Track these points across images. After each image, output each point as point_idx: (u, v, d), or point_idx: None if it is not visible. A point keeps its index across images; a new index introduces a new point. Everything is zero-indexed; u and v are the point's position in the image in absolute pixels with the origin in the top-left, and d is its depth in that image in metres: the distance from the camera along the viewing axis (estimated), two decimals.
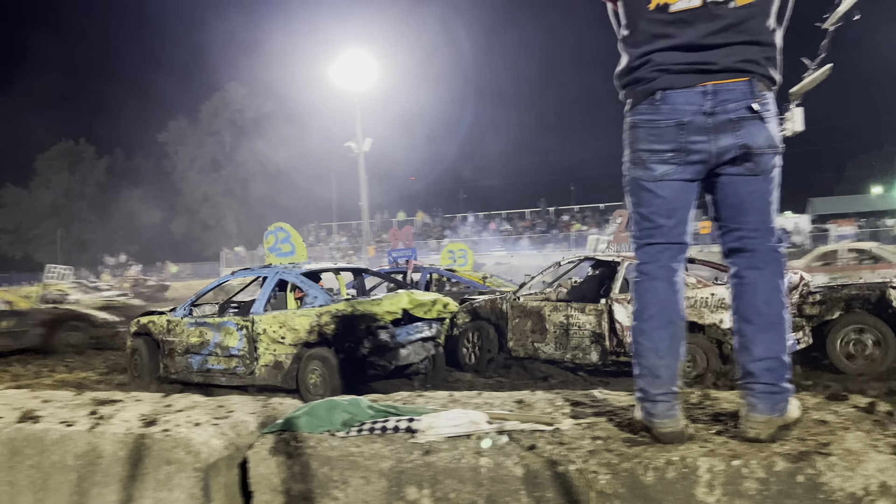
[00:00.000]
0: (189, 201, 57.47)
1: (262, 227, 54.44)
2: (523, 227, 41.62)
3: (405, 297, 6.99)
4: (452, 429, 2.18)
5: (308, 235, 50.03)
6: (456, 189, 61.89)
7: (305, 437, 2.31)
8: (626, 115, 2.16)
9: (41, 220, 61.48)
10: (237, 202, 56.40)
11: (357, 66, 31.41)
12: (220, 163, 56.71)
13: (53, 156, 61.70)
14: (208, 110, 56.67)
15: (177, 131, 57.90)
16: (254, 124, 55.25)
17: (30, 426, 2.75)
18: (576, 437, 2.10)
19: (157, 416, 2.73)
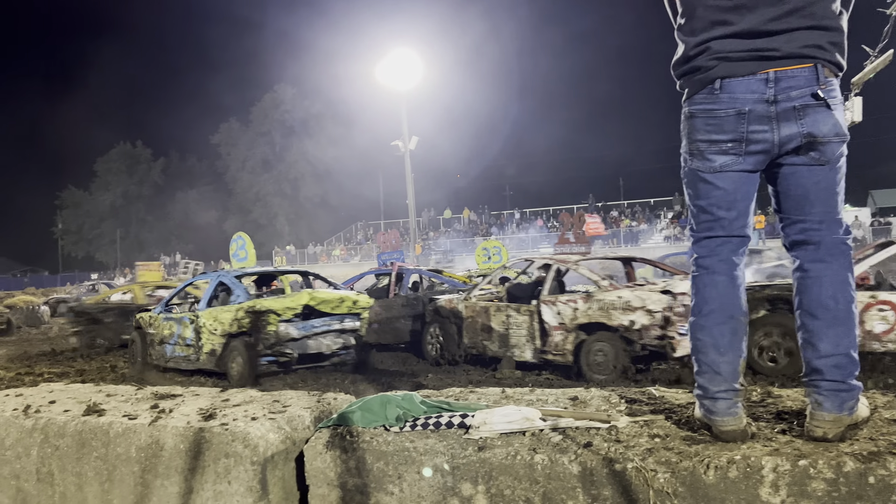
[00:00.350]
0: (241, 201, 58.72)
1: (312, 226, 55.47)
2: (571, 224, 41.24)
3: (306, 295, 7.97)
4: (506, 425, 2.17)
5: (356, 233, 50.59)
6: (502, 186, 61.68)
7: (360, 431, 2.33)
8: (683, 105, 2.11)
9: (101, 221, 63.69)
10: (288, 201, 57.36)
11: (403, 65, 31.58)
12: (271, 163, 57.75)
13: (112, 158, 63.84)
14: (259, 112, 57.79)
15: (228, 133, 59.22)
16: (303, 124, 56.11)
17: (95, 419, 2.85)
18: (633, 435, 2.06)
19: (215, 411, 2.79)
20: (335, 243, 50.45)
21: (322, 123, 55.53)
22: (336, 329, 8.03)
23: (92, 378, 8.46)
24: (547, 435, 2.11)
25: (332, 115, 54.67)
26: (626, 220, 39.69)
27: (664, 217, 39.13)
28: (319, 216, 56.88)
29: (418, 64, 31.98)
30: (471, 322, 8.31)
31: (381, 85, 33.15)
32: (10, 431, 3.00)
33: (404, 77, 31.78)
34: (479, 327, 8.19)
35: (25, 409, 3.10)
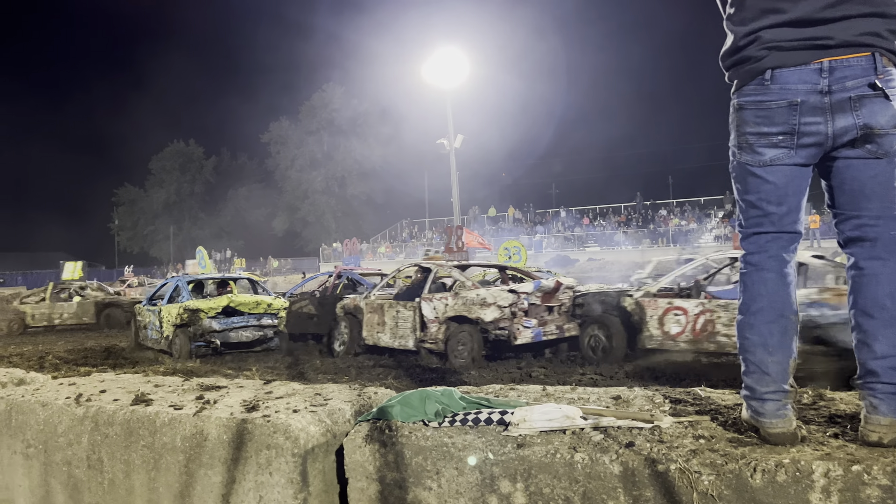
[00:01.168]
0: (290, 199, 59.69)
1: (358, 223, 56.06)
2: (618, 222, 40.61)
3: (226, 298, 10.79)
4: (546, 423, 2.13)
5: (401, 231, 50.89)
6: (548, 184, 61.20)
7: (399, 426, 2.33)
8: (731, 97, 2.04)
9: (155, 218, 65.55)
10: (335, 199, 58.08)
11: (448, 63, 31.59)
12: (319, 161, 58.53)
13: (166, 157, 65.64)
14: (307, 111, 58.64)
15: (278, 131, 60.24)
16: (350, 123, 56.71)
17: (143, 409, 2.92)
18: (677, 436, 2.01)
19: (258, 402, 2.83)
20: (380, 241, 50.86)
21: (369, 122, 56.05)
22: (254, 325, 10.55)
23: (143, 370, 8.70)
24: (588, 434, 2.07)
25: (378, 114, 55.16)
26: (674, 219, 38.92)
27: (714, 216, 38.26)
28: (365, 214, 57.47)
29: (464, 62, 31.96)
30: (369, 317, 9.59)
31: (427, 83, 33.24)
32: (63, 419, 3.10)
33: (450, 75, 31.80)
34: (375, 322, 9.48)
35: (77, 397, 3.19)
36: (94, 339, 14.42)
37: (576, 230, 41.11)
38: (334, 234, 55.84)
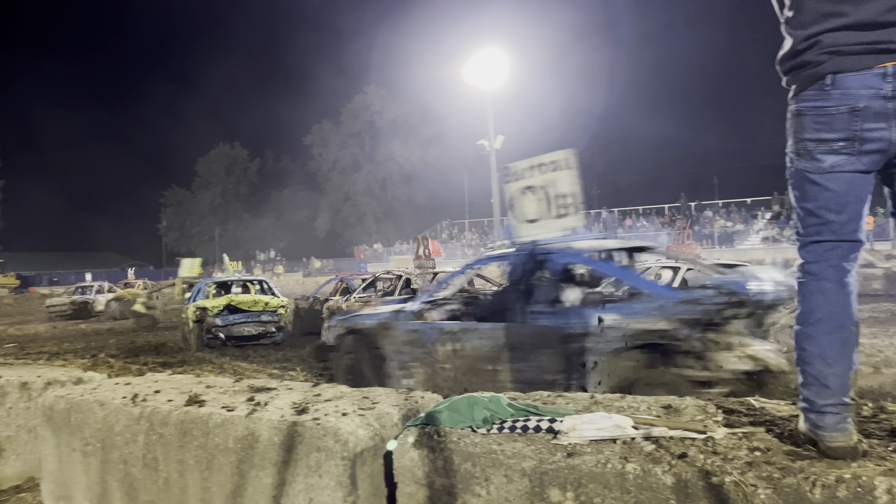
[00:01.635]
0: (332, 200, 60.37)
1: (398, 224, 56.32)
2: (661, 224, 40.00)
3: (226, 298, 12.43)
4: (596, 432, 2.12)
5: (441, 232, 51.00)
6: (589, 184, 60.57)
7: (447, 431, 2.34)
8: (789, 103, 2.00)
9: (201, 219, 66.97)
10: (376, 201, 58.52)
11: (489, 64, 31.55)
12: (360, 163, 59.07)
13: (212, 159, 67.01)
14: (349, 113, 59.21)
15: (320, 134, 60.97)
16: (391, 125, 57.07)
17: (196, 409, 2.98)
18: (731, 448, 1.97)
19: (307, 405, 2.87)
20: None
21: (410, 124, 56.31)
22: (254, 321, 12.09)
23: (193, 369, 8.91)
24: (639, 444, 2.05)
25: (419, 116, 55.37)
26: (720, 220, 38.13)
27: (762, 217, 37.36)
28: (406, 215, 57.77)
29: (504, 62, 31.87)
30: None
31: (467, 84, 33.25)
32: (120, 418, 3.19)
33: (490, 76, 31.75)
34: None
35: (133, 397, 3.29)
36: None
37: (618, 231, 40.62)
38: (375, 234, 56.29)
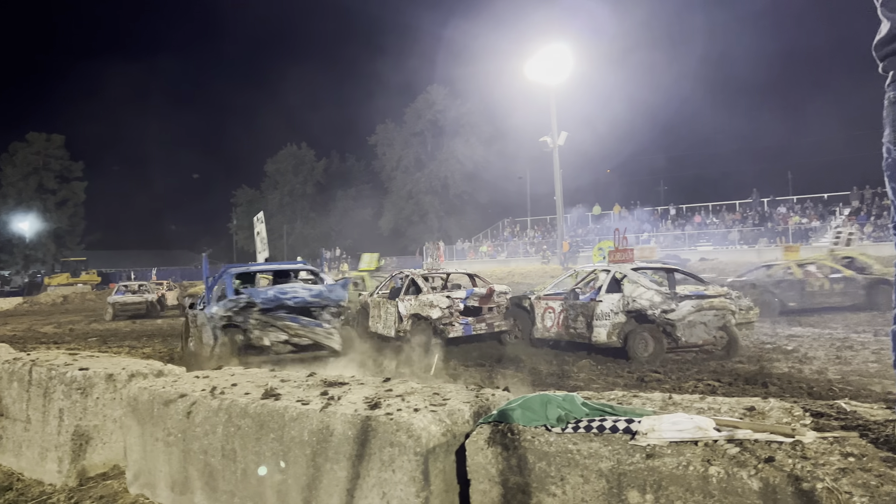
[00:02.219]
0: (395, 199, 60.93)
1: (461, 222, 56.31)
2: (732, 220, 38.73)
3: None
4: (676, 433, 2.06)
5: (503, 230, 50.80)
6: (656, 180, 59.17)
7: (521, 430, 2.32)
8: (886, 90, 1.89)
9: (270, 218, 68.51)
10: (438, 199, 58.75)
11: (553, 60, 31.23)
12: (423, 162, 59.40)
13: (280, 159, 68.62)
14: (412, 113, 59.62)
15: (384, 133, 61.62)
16: (453, 123, 57.16)
17: (272, 403, 3.06)
18: (822, 452, 1.88)
19: (379, 400, 2.90)
20: (482, 240, 51.00)
21: (472, 122, 56.28)
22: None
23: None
24: (722, 446, 1.98)
25: (481, 114, 55.26)
26: (794, 216, 36.65)
27: (839, 213, 35.71)
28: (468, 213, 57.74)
29: (568, 57, 31.50)
30: (372, 311, 12.24)
31: (530, 81, 33.02)
32: (200, 410, 3.30)
33: (554, 72, 31.43)
34: (375, 314, 12.12)
35: (212, 390, 3.39)
36: None
37: (687, 228, 39.55)
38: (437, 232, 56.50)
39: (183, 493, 3.37)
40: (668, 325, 8.50)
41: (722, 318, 8.73)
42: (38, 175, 58.58)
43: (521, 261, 41.38)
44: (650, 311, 8.57)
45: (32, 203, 57.54)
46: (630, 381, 7.27)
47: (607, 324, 9.00)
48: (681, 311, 8.43)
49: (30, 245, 57.62)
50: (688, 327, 8.55)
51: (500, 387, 3.14)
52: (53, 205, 58.78)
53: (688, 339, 8.60)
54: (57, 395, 4.04)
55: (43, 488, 3.92)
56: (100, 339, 14.54)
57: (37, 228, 57.53)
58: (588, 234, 42.98)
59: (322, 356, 8.22)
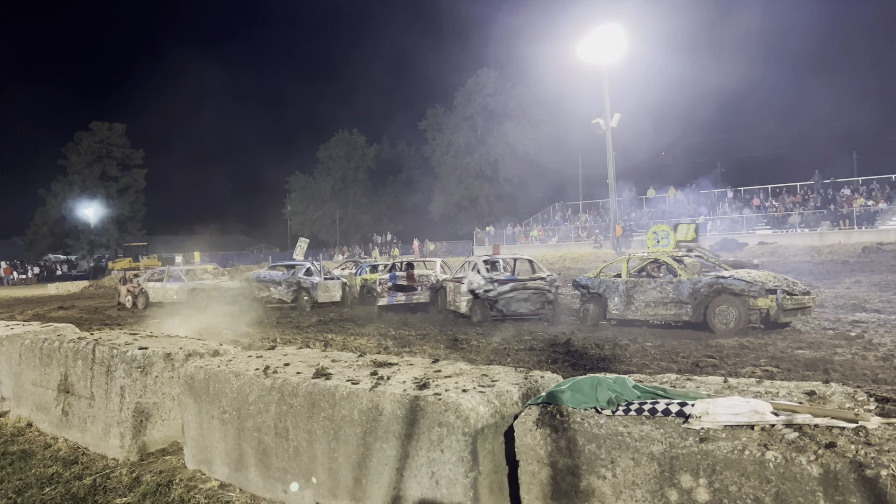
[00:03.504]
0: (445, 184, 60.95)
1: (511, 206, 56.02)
2: (793, 203, 37.42)
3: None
4: (732, 417, 2.00)
5: (554, 214, 50.31)
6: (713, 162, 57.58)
7: (570, 412, 2.29)
8: None
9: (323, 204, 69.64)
10: (488, 183, 58.49)
11: (606, 40, 30.59)
12: (473, 146, 59.16)
13: (332, 146, 69.40)
14: (462, 97, 59.35)
15: (434, 118, 61.59)
16: (503, 107, 56.71)
17: (323, 382, 3.10)
18: (887, 439, 1.80)
19: (428, 380, 2.90)
20: (533, 224, 50.61)
21: (522, 105, 55.72)
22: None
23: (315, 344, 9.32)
24: (780, 431, 1.92)
25: (532, 96, 54.63)
26: (859, 198, 35.18)
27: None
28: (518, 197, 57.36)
29: (622, 37, 30.80)
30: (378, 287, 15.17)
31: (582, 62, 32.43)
32: (253, 389, 3.37)
33: (607, 52, 30.80)
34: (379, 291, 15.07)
35: (265, 369, 3.46)
36: None
37: (745, 211, 38.40)
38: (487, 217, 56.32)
39: (238, 469, 3.46)
40: (489, 301, 12.08)
41: (542, 296, 12.08)
42: (102, 163, 60.74)
43: (573, 245, 40.87)
44: (478, 291, 12.33)
45: (96, 190, 59.72)
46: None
47: (464, 299, 12.59)
48: (497, 291, 12.03)
49: (94, 231, 59.89)
50: (508, 302, 11.98)
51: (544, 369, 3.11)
52: (116, 191, 60.87)
53: (511, 310, 12.02)
54: (118, 374, 4.19)
55: (106, 462, 4.07)
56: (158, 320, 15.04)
57: (100, 214, 59.71)
58: (642, 217, 42.16)
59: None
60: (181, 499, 3.34)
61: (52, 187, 60.08)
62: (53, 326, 5.99)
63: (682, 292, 9.99)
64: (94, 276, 43.73)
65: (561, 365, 7.25)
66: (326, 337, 10.67)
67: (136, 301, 19.77)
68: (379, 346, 9.42)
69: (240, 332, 11.43)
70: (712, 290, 9.65)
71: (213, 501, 3.29)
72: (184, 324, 12.06)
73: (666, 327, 10.43)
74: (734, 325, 9.29)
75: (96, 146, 60.52)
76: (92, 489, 3.64)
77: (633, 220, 41.61)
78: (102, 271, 47.26)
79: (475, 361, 7.17)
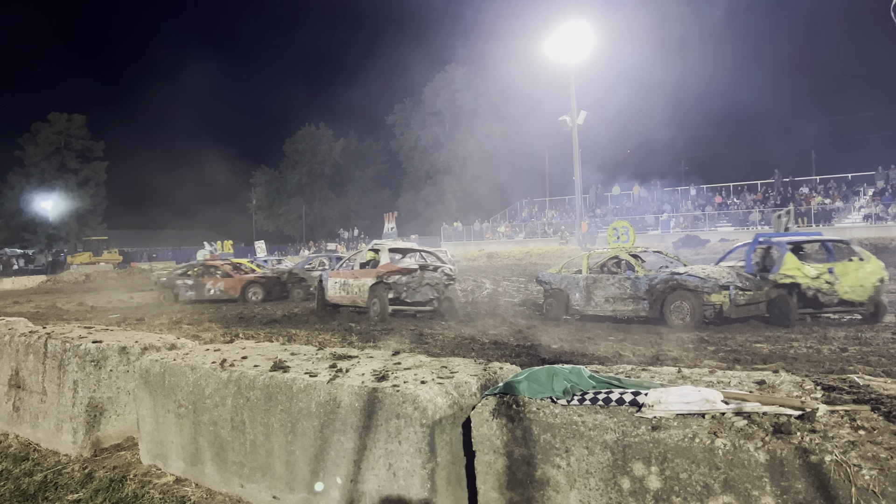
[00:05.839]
0: (413, 179, 60.88)
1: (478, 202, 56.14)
2: (754, 201, 38.20)
3: None
4: (684, 406, 2.03)
5: (521, 211, 50.59)
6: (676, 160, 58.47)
7: (526, 402, 2.30)
8: None
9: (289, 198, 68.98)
10: (456, 179, 58.56)
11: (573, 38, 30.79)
12: (441, 142, 59.17)
13: (299, 139, 68.77)
14: (430, 92, 59.30)
15: (402, 113, 61.44)
16: (471, 103, 56.81)
17: (281, 375, 3.06)
18: (832, 426, 1.84)
19: (387, 372, 2.89)
20: (500, 220, 50.83)
21: (490, 101, 55.88)
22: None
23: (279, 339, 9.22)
24: (730, 419, 1.95)
25: (500, 93, 54.80)
26: (817, 196, 36.08)
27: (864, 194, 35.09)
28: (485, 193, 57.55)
29: (588, 36, 31.04)
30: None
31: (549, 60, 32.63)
32: (210, 382, 3.31)
33: (573, 50, 31.01)
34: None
35: (222, 362, 3.41)
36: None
37: (707, 209, 39.09)
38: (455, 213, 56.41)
39: (194, 463, 3.40)
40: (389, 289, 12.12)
41: (435, 289, 12.28)
42: (60, 155, 59.25)
43: (540, 241, 41.15)
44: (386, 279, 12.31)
45: (55, 182, 58.22)
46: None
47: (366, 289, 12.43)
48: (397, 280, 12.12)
49: (52, 224, 58.39)
50: (406, 291, 12.09)
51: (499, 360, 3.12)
52: (75, 184, 59.42)
53: (410, 299, 12.13)
54: (71, 368, 4.09)
55: (58, 458, 3.97)
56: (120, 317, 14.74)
57: (59, 208, 58.24)
58: (607, 214, 42.63)
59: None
60: (135, 494, 3.28)
61: (8, 179, 58.50)
62: (5, 320, 5.82)
63: (640, 288, 10.16)
64: (52, 271, 42.65)
65: (525, 358, 7.30)
66: (290, 332, 10.57)
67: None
68: (344, 340, 9.37)
69: (201, 328, 11.27)
70: (668, 286, 9.83)
71: (168, 496, 3.23)
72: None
73: (628, 322, 10.58)
74: (690, 320, 9.47)
75: (55, 137, 59.00)
76: (43, 486, 3.55)
77: (599, 217, 42.07)
78: (61, 266, 46.13)
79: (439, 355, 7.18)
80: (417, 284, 12.10)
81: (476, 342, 8.74)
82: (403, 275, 12.05)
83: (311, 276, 18.08)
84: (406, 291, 12.04)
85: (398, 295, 12.03)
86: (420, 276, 12.13)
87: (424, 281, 12.16)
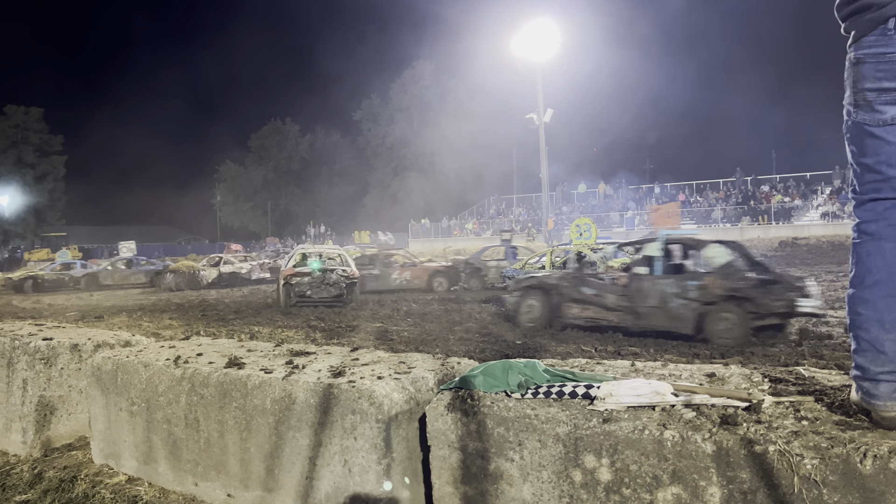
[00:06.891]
0: (381, 175, 60.65)
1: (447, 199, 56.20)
2: (716, 199, 38.91)
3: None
4: (634, 398, 2.05)
5: (489, 208, 50.78)
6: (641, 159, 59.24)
7: (481, 396, 2.30)
8: (848, 51, 1.86)
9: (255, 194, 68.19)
10: (424, 176, 58.49)
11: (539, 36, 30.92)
12: (409, 138, 59.04)
13: (264, 134, 67.99)
14: (398, 88, 59.13)
15: (370, 109, 61.15)
16: (439, 100, 56.81)
17: (235, 371, 3.02)
18: (777, 416, 1.88)
19: (344, 368, 2.87)
20: (468, 217, 50.93)
21: (458, 98, 55.93)
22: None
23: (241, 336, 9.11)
24: (679, 411, 1.97)
25: (468, 90, 54.89)
26: (777, 195, 36.88)
27: (821, 192, 35.97)
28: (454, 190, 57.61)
29: (555, 34, 31.20)
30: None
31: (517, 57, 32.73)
32: (163, 379, 3.25)
33: (540, 48, 31.15)
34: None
35: (176, 359, 3.34)
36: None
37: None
38: (423, 209, 56.36)
39: (147, 462, 3.34)
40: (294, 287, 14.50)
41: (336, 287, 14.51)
42: (17, 149, 57.69)
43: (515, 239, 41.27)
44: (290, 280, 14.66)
45: (11, 177, 56.65)
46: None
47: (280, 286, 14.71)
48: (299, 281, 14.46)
49: (8, 220, 56.82)
50: (311, 288, 14.45)
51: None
52: (32, 179, 57.94)
53: (316, 296, 14.44)
54: (20, 366, 3.98)
55: (7, 459, 3.87)
56: (79, 314, 14.41)
57: (16, 203, 56.69)
58: (573, 211, 43.01)
59: None
60: (85, 494, 3.20)
61: None
62: None
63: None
64: (9, 268, 41.52)
65: (490, 353, 7.32)
66: (253, 329, 10.45)
67: None
68: (307, 337, 9.30)
69: (162, 325, 11.08)
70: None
71: (120, 496, 3.17)
72: None
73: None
74: None
75: (11, 131, 57.43)
76: None
77: (565, 214, 42.42)
78: (17, 263, 44.92)
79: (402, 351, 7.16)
80: (319, 284, 14.58)
81: (440, 339, 8.75)
82: (302, 277, 14.61)
83: (487, 265, 19.14)
84: (311, 289, 14.52)
85: (303, 292, 14.52)
86: (321, 277, 14.62)
87: (325, 281, 14.62)
